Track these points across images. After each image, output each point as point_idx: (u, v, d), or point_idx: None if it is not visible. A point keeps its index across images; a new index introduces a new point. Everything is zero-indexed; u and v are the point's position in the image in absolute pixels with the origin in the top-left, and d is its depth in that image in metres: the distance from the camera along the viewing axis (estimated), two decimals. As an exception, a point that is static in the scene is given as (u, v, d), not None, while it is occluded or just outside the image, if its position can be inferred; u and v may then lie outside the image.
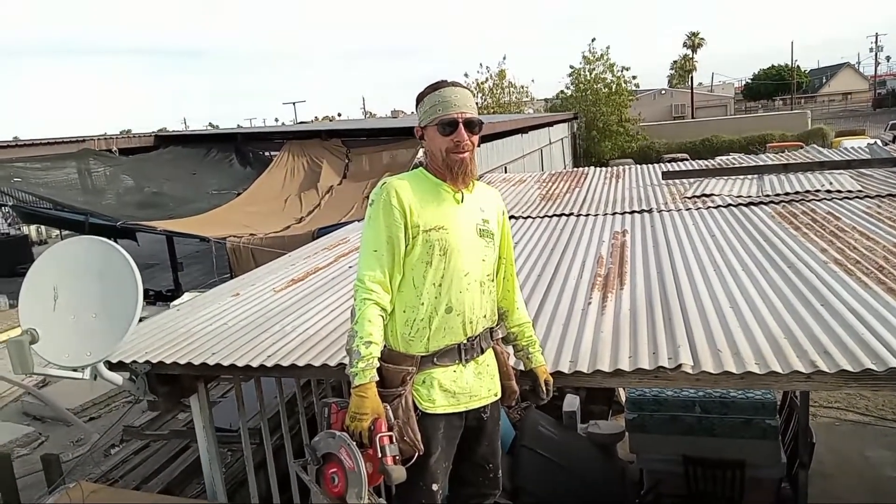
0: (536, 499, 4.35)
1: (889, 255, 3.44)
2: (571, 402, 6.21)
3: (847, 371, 2.19)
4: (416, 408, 1.98)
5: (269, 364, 2.78)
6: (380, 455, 1.85)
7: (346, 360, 1.99)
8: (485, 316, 2.11)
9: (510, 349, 2.35)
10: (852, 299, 2.83)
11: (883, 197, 5.13)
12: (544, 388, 2.27)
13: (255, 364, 2.80)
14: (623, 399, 6.26)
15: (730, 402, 4.78)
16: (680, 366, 2.34)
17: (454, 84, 2.08)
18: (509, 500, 4.16)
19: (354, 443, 1.88)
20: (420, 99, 2.09)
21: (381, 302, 1.96)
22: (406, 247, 2.00)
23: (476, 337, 2.07)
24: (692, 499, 4.71)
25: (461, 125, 2.01)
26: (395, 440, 1.89)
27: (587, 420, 6.23)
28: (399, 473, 1.86)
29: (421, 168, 2.13)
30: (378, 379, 1.94)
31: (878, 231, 4.00)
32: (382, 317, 1.97)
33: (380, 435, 1.86)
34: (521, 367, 2.35)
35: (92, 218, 10.72)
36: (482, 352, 2.11)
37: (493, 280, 2.16)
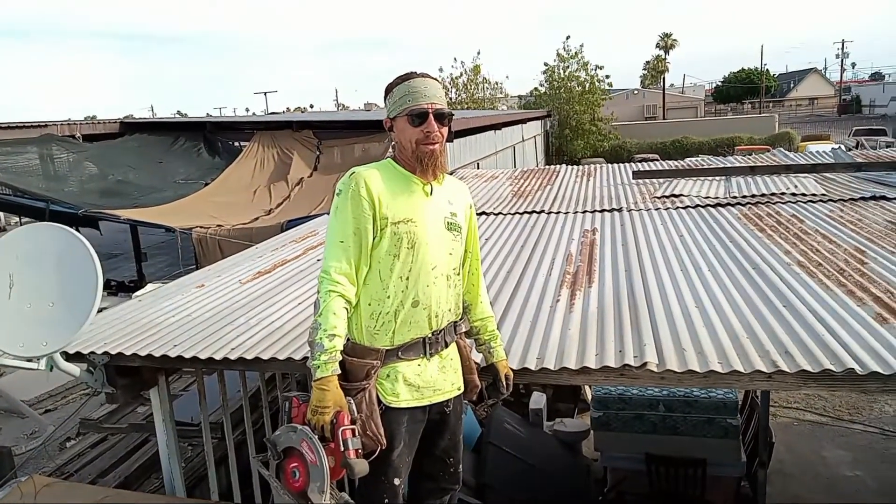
0: (502, 496, 4.35)
1: (850, 259, 3.52)
2: (538, 400, 6.24)
3: (807, 371, 2.23)
4: (379, 402, 1.96)
5: (232, 357, 2.73)
6: (342, 448, 1.82)
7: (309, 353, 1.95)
8: (450, 310, 2.10)
9: (472, 343, 2.34)
10: (814, 301, 2.88)
11: (845, 201, 5.25)
12: (504, 383, 2.26)
13: (218, 357, 2.74)
14: (589, 397, 6.31)
15: (693, 401, 4.85)
16: (645, 364, 2.35)
17: (424, 75, 2.05)
18: (474, 497, 4.16)
19: (316, 436, 1.84)
20: (389, 90, 2.05)
21: (347, 294, 1.93)
22: (374, 239, 1.97)
23: (441, 331, 2.06)
24: (655, 496, 4.77)
25: (431, 116, 1.99)
26: (357, 433, 1.86)
27: (553, 418, 6.26)
28: (361, 467, 1.84)
29: (389, 159, 2.10)
30: (341, 372, 1.91)
31: (840, 234, 4.09)
32: (347, 309, 1.94)
33: (342, 428, 1.83)
34: (483, 362, 2.34)
35: (53, 205, 10.41)
36: (446, 346, 2.10)
37: (458, 274, 2.14)
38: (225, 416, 3.57)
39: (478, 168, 14.20)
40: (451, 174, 2.21)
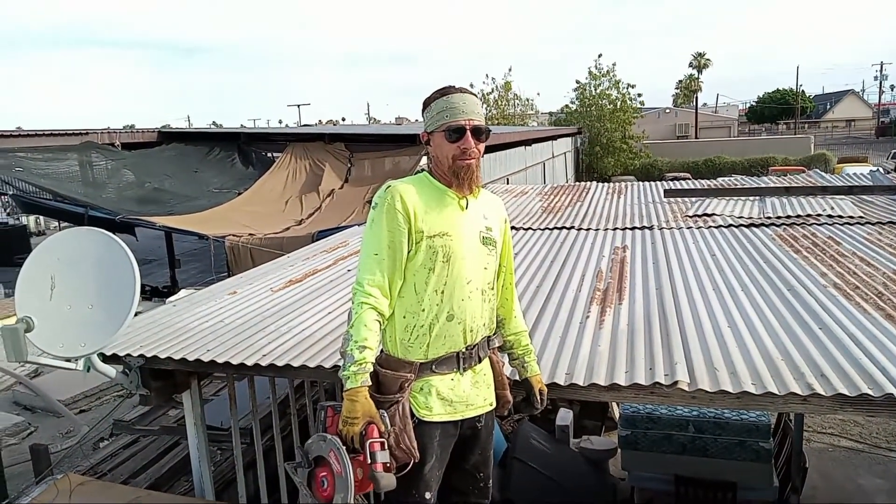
0: (526, 512, 4.32)
1: (888, 282, 3.44)
2: (565, 417, 6.18)
3: (843, 395, 2.18)
4: (412, 415, 1.96)
5: (263, 363, 2.77)
6: (370, 461, 1.83)
7: (340, 363, 1.97)
8: (484, 324, 2.10)
9: (505, 357, 2.34)
10: (850, 324, 2.82)
11: (884, 224, 5.13)
12: (538, 398, 2.25)
13: (249, 363, 2.79)
14: (617, 415, 6.23)
15: (724, 422, 4.77)
16: (676, 382, 2.32)
17: (462, 90, 2.05)
18: (499, 512, 4.14)
19: (345, 447, 1.85)
20: (427, 104, 2.06)
21: (379, 307, 1.94)
22: (409, 252, 1.98)
23: (475, 345, 2.06)
24: (682, 518, 4.68)
25: (469, 132, 1.99)
26: (386, 447, 1.86)
27: (580, 435, 6.19)
28: (388, 481, 1.84)
29: (425, 173, 2.11)
30: (371, 384, 1.92)
31: (877, 257, 4.00)
32: (379, 322, 1.95)
33: (370, 441, 1.83)
34: (516, 377, 2.34)
35: (91, 211, 10.71)
36: (479, 360, 2.10)
37: (493, 288, 2.14)
38: (254, 422, 3.62)
39: (507, 183, 14.22)
40: (481, 188, 2.22)
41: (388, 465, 1.85)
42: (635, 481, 5.08)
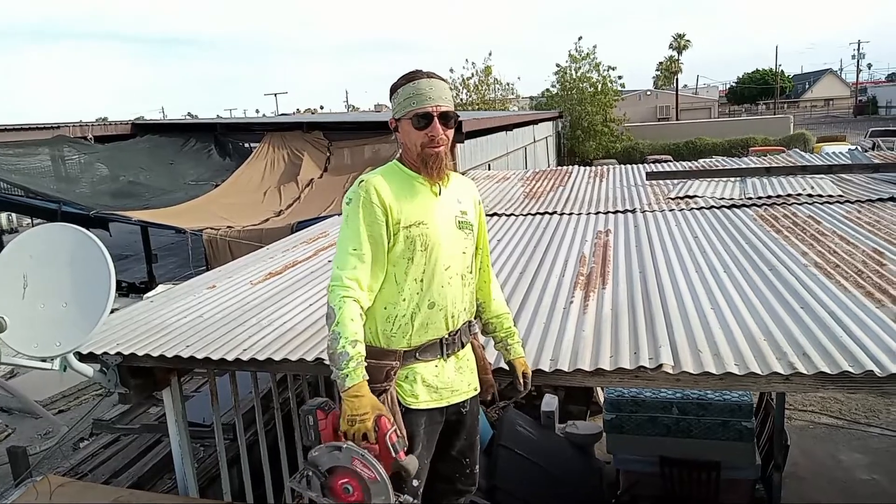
0: (513, 498, 4.33)
1: (868, 260, 3.47)
2: (550, 402, 6.20)
3: (825, 373, 2.19)
4: (399, 403, 1.94)
5: (244, 358, 2.72)
6: (393, 454, 1.78)
7: (327, 360, 1.92)
8: (465, 309, 2.08)
9: (488, 341, 2.32)
10: (831, 302, 2.84)
11: (863, 202, 5.18)
12: (521, 381, 2.22)
13: (230, 358, 2.74)
14: (601, 400, 6.27)
15: (707, 403, 4.80)
16: (661, 366, 2.32)
17: (429, 75, 1.98)
18: (485, 499, 4.14)
19: (369, 453, 1.78)
20: (394, 90, 1.99)
21: (360, 300, 1.90)
22: (388, 245, 1.94)
23: (457, 331, 2.04)
24: (668, 499, 4.72)
25: (436, 119, 1.94)
26: (399, 433, 1.82)
27: (565, 420, 6.22)
28: (413, 464, 1.81)
29: (395, 161, 2.07)
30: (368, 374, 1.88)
31: (857, 236, 4.03)
32: (362, 315, 1.91)
33: (388, 433, 1.79)
34: (501, 362, 2.32)
35: (65, 206, 10.49)
36: (462, 346, 2.08)
37: (472, 272, 2.12)
38: (237, 417, 3.58)
39: (489, 169, 14.18)
40: (462, 174, 2.18)
41: (405, 450, 1.82)
42: (621, 464, 5.12)
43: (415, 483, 1.99)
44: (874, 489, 5.68)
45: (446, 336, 2.01)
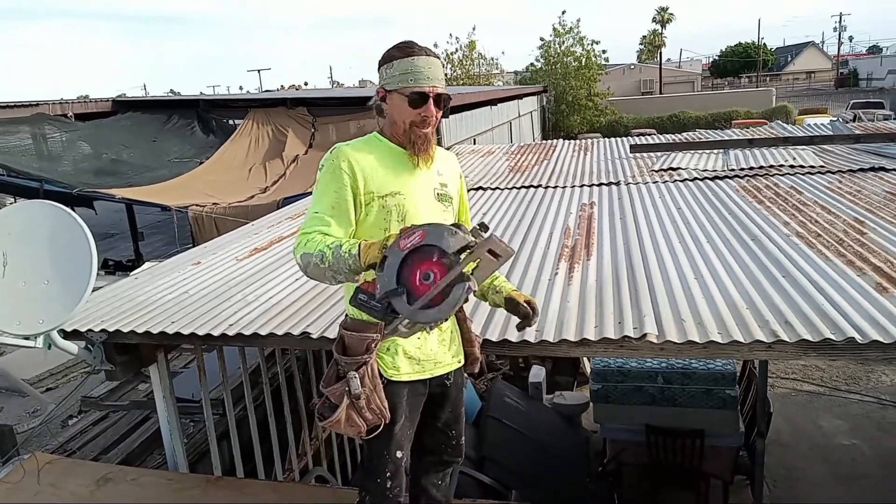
0: (502, 468, 4.39)
1: (849, 229, 3.51)
2: (537, 374, 6.27)
3: (807, 341, 2.22)
4: (380, 375, 1.94)
5: (230, 333, 2.72)
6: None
7: (310, 328, 1.92)
8: None
9: (473, 314, 2.31)
10: (813, 271, 2.87)
11: (844, 172, 5.22)
12: (528, 308, 2.04)
13: (215, 333, 2.73)
14: (588, 370, 6.35)
15: (691, 372, 4.87)
16: (645, 335, 2.34)
17: (427, 52, 1.93)
18: (474, 470, 4.20)
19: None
20: (388, 60, 1.93)
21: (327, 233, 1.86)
22: (359, 214, 1.92)
23: None
24: (653, 467, 4.81)
25: (431, 100, 1.92)
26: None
27: (553, 391, 6.30)
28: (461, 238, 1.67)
29: (375, 133, 2.03)
30: (346, 332, 1.90)
31: (838, 205, 4.07)
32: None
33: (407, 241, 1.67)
34: (488, 334, 2.32)
35: (47, 185, 10.34)
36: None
37: None
38: (225, 393, 3.58)
39: (474, 143, 14.11)
40: (448, 149, 2.16)
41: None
42: (607, 433, 5.20)
43: (398, 454, 2.01)
44: (854, 454, 5.83)
45: None
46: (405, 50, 1.93)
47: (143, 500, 2.79)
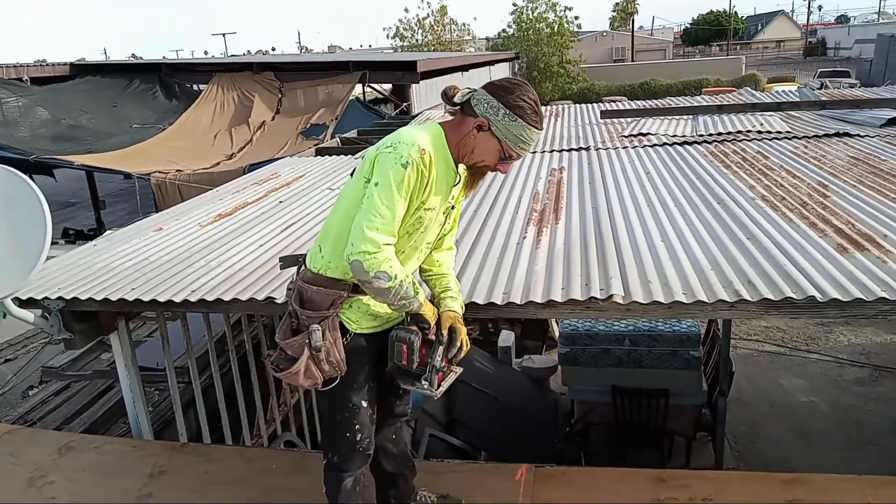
0: (472, 431, 4.43)
1: (812, 192, 3.55)
2: (507, 339, 6.32)
3: (769, 300, 2.25)
4: (343, 329, 1.93)
5: (192, 299, 2.66)
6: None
7: (275, 294, 1.89)
8: (413, 272, 2.08)
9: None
10: (777, 233, 2.91)
11: (809, 138, 5.28)
12: (442, 333, 1.98)
13: (177, 299, 2.67)
14: (556, 334, 6.41)
15: (657, 335, 4.96)
16: (611, 296, 2.35)
17: (540, 124, 1.91)
18: (445, 433, 4.23)
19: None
20: (516, 111, 1.85)
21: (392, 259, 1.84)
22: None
23: None
24: (619, 426, 4.91)
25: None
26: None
27: (522, 355, 6.36)
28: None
29: (441, 133, 1.91)
30: (306, 291, 1.89)
31: (803, 169, 4.12)
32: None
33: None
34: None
35: (2, 151, 9.98)
36: None
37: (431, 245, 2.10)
38: (190, 360, 3.53)
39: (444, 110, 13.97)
40: (415, 116, 2.12)
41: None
42: (575, 395, 5.28)
43: (364, 404, 2.00)
44: (812, 410, 6.03)
45: None
46: (536, 121, 1.88)
47: (108, 468, 2.75)
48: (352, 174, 1.96)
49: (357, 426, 2.00)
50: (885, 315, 2.29)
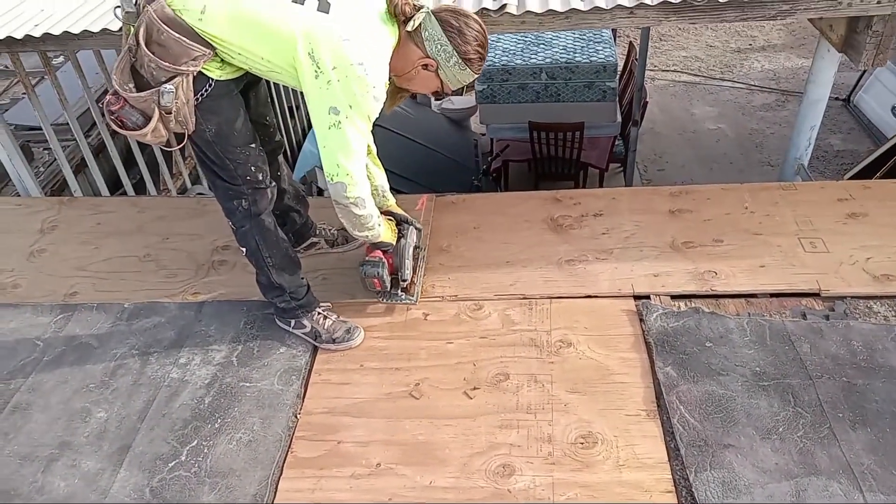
0: (395, 175, 4.40)
1: None
2: (424, 80, 6.08)
3: (669, 2, 2.12)
4: (207, 80, 1.70)
5: (36, 34, 2.32)
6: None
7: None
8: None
9: None
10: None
11: None
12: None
13: (18, 35, 2.32)
14: (475, 73, 6.21)
15: (574, 66, 4.84)
16: (504, 6, 2.16)
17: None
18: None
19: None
20: (465, 58, 1.72)
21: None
22: None
23: None
24: (536, 160, 5.01)
25: None
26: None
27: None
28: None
29: (388, 54, 1.73)
30: (159, 44, 1.59)
31: None
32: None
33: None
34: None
35: None
36: None
37: None
38: (69, 117, 3.25)
39: None
40: None
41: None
42: (494, 133, 5.29)
43: (252, 145, 1.88)
44: (718, 136, 6.29)
45: None
46: (481, 67, 1.80)
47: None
48: None
49: (253, 168, 1.88)
50: (783, 15, 2.20)
